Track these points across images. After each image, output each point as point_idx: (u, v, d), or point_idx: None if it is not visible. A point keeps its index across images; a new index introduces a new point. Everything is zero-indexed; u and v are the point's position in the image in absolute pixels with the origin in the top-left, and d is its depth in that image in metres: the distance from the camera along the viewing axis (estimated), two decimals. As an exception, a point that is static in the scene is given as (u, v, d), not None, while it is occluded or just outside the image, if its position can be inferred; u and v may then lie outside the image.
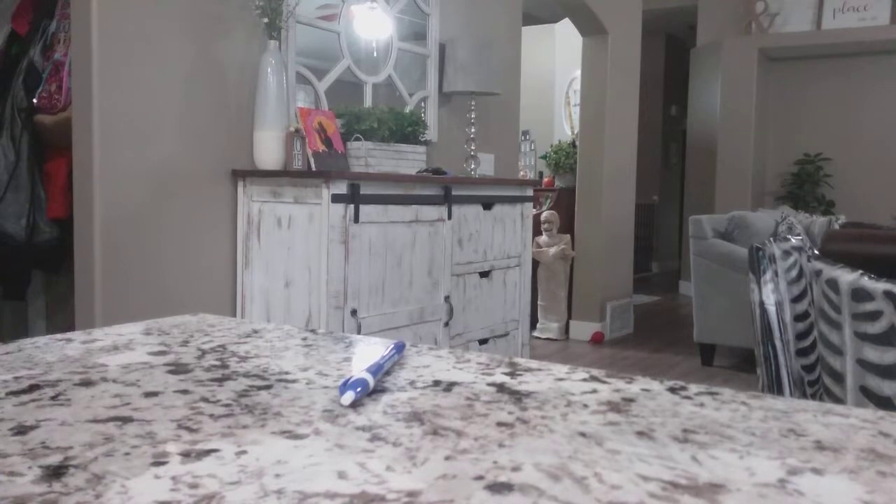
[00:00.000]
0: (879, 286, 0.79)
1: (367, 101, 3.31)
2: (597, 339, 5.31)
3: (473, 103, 3.63)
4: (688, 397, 0.58)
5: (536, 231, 5.14)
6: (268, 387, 0.59)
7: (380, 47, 3.40)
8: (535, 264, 5.19)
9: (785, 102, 7.29)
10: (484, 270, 3.22)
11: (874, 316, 0.97)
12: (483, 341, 3.25)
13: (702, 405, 0.56)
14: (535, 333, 5.34)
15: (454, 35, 3.68)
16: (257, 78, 2.72)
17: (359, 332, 2.59)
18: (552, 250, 5.19)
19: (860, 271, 0.78)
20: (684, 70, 8.39)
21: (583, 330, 5.40)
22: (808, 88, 7.17)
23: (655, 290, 8.03)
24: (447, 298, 3.01)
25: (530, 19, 6.72)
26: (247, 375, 0.63)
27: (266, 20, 2.70)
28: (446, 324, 3.02)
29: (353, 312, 2.59)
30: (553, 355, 4.93)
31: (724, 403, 0.56)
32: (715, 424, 0.51)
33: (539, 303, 5.36)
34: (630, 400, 0.57)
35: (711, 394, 0.59)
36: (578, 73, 6.02)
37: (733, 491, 0.40)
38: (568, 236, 5.32)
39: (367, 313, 2.66)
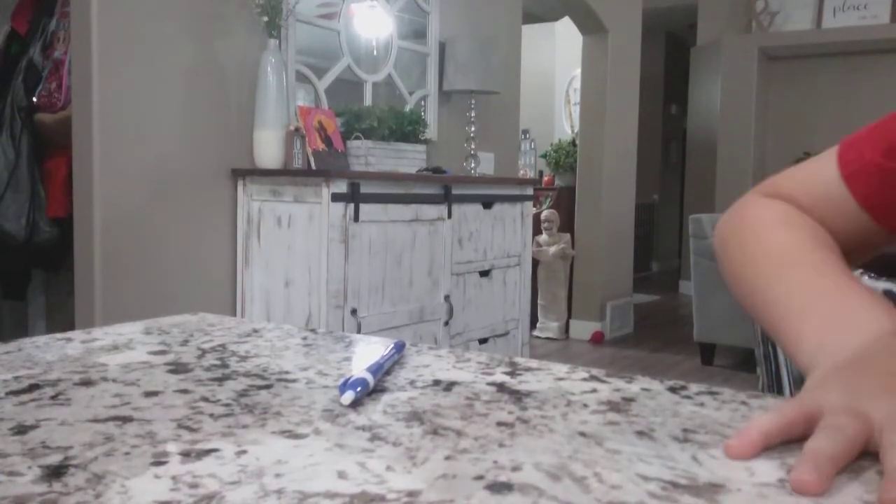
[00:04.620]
0: (879, 285, 0.79)
1: (367, 100, 3.31)
2: (597, 339, 5.31)
3: (473, 102, 3.63)
4: (688, 397, 0.58)
5: (536, 230, 5.14)
6: (268, 386, 0.59)
7: (380, 46, 3.40)
8: (535, 263, 5.18)
9: (785, 101, 7.28)
10: (484, 270, 3.22)
11: (874, 315, 0.97)
12: (483, 340, 3.25)
13: (702, 405, 0.56)
14: (535, 333, 5.33)
15: (454, 33, 3.68)
16: (257, 76, 2.72)
17: (359, 332, 2.59)
18: (552, 249, 5.19)
19: (860, 270, 0.78)
20: (684, 69, 8.38)
21: (583, 329, 5.40)
22: (808, 87, 7.16)
23: (655, 289, 8.03)
24: (447, 298, 3.01)
25: (530, 17, 6.72)
26: (247, 375, 0.63)
27: (266, 19, 2.69)
28: (446, 323, 3.02)
29: (353, 312, 2.59)
30: (553, 355, 4.93)
31: (724, 403, 0.56)
32: (715, 424, 0.51)
33: (539, 302, 5.36)
34: (630, 399, 0.57)
35: (711, 393, 0.59)
36: (578, 71, 6.01)
37: (733, 491, 0.40)
38: (568, 235, 5.32)
39: (367, 312, 2.66)
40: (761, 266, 0.70)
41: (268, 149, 2.71)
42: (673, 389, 0.60)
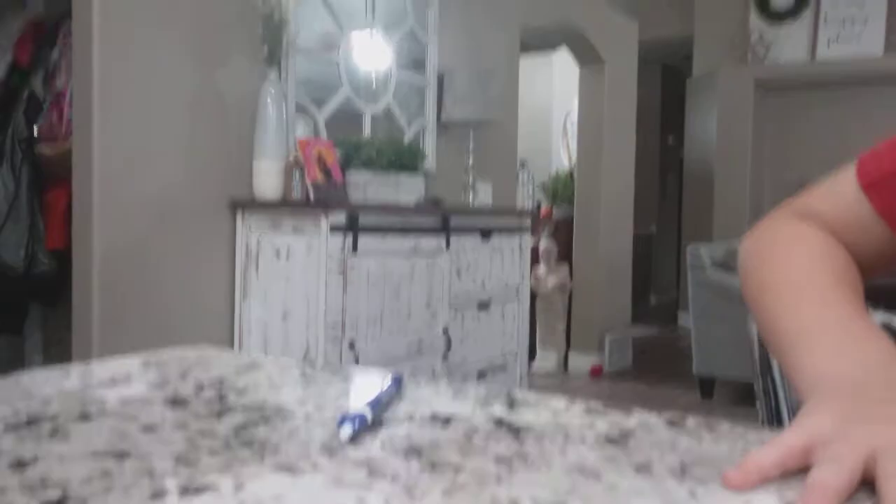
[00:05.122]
0: (877, 318, 0.80)
1: (366, 131, 3.33)
2: (595, 372, 5.28)
3: (471, 133, 3.64)
4: (686, 431, 0.58)
5: (534, 260, 5.14)
6: (266, 421, 0.59)
7: (379, 77, 3.42)
8: (533, 296, 5.17)
9: (781, 132, 7.32)
10: (482, 301, 3.21)
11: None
12: (481, 374, 3.24)
13: (700, 439, 0.56)
14: (534, 366, 5.31)
15: (452, 64, 3.70)
16: (257, 108, 2.73)
17: (357, 364, 2.59)
18: (550, 282, 5.18)
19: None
20: (681, 100, 8.44)
21: (581, 362, 5.38)
22: (803, 118, 7.20)
23: (654, 321, 8.01)
24: (445, 330, 3.00)
25: (527, 47, 6.77)
26: (245, 409, 0.63)
27: (266, 50, 2.71)
28: (445, 356, 3.01)
29: (352, 344, 2.59)
30: (551, 388, 4.91)
31: (722, 437, 0.56)
32: (713, 458, 0.51)
33: (537, 335, 5.34)
34: (628, 433, 0.57)
35: (710, 427, 0.59)
36: (576, 102, 6.05)
37: (732, 527, 0.40)
38: (566, 266, 5.31)
39: (366, 345, 2.65)
40: (778, 295, 0.72)
41: (267, 180, 2.72)
42: (671, 423, 0.60)
